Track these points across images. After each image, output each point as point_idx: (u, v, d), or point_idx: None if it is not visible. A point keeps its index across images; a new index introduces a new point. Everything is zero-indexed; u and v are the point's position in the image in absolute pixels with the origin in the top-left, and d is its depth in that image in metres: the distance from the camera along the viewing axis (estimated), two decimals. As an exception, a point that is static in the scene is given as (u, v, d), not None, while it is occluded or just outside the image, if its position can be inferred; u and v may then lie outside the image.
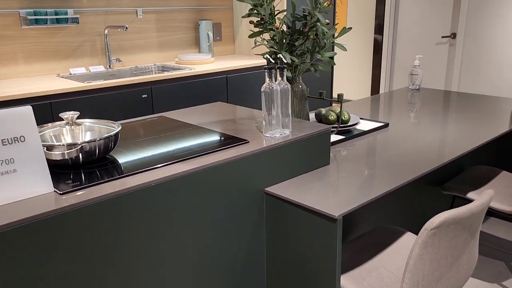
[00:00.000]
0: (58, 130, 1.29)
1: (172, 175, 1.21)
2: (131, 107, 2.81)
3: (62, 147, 1.16)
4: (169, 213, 1.23)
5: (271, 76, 1.47)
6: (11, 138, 1.02)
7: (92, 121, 1.35)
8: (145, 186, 1.16)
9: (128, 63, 3.38)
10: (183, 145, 1.41)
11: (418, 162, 1.68)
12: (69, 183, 1.12)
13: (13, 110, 1.03)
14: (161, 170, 1.23)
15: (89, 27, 3.12)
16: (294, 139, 1.52)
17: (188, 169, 1.25)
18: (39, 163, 1.06)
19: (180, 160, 1.30)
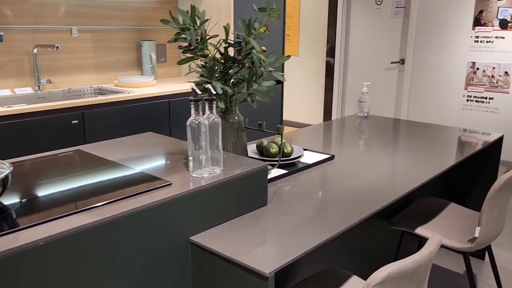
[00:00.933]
0: None
1: (73, 229, 1.00)
2: (59, 135, 2.55)
3: None
4: (69, 273, 1.01)
5: (198, 109, 1.30)
6: None
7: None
8: (33, 245, 0.94)
9: (61, 85, 3.11)
10: (93, 189, 1.21)
11: (365, 200, 1.54)
12: None
13: None
14: (59, 222, 1.02)
15: (16, 45, 2.85)
16: (225, 179, 1.35)
17: (94, 220, 1.04)
18: None
19: (85, 209, 1.09)
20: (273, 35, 3.80)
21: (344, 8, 5.44)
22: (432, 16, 4.74)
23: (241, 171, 1.39)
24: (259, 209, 1.47)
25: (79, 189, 1.21)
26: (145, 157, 1.52)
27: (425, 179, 1.79)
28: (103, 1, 3.24)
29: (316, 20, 5.79)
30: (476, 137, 2.47)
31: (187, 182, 1.30)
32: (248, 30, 1.40)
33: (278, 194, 1.60)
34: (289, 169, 1.84)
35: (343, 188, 1.67)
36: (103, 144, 1.68)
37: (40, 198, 1.14)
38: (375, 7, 5.24)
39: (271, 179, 1.74)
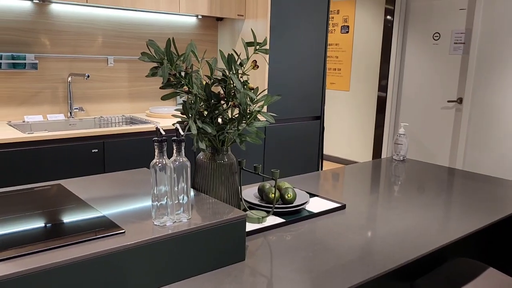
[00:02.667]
0: None
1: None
2: (78, 163, 2.56)
3: None
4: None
5: (162, 150, 1.18)
6: None
7: None
8: None
9: (93, 112, 3.16)
10: (40, 231, 1.11)
11: (372, 259, 1.33)
12: None
13: None
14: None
15: (51, 73, 2.94)
16: (192, 230, 1.20)
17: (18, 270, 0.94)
18: None
19: (12, 257, 0.99)
20: (314, 66, 3.66)
21: (399, 42, 5.19)
22: (494, 53, 4.37)
23: (212, 221, 1.25)
24: (232, 266, 1.30)
25: (26, 229, 1.12)
26: (122, 197, 1.42)
27: (456, 236, 1.53)
28: (141, 32, 3.29)
29: (369, 54, 5.57)
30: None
31: (145, 231, 1.17)
32: (229, 66, 1.27)
33: (264, 248, 1.42)
34: (287, 218, 1.66)
35: (347, 243, 1.46)
36: (89, 179, 1.61)
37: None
38: (432, 42, 4.94)
39: (263, 229, 1.57)
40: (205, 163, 1.51)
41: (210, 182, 1.51)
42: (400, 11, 5.14)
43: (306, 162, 3.79)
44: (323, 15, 3.62)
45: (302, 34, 3.51)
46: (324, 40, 3.68)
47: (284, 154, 3.58)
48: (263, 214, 1.62)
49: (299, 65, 3.54)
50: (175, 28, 3.45)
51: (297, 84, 3.56)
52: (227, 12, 3.36)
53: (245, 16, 3.44)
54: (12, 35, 2.75)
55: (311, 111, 3.73)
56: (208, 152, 1.51)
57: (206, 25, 3.65)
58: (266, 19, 3.26)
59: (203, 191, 1.52)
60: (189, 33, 3.56)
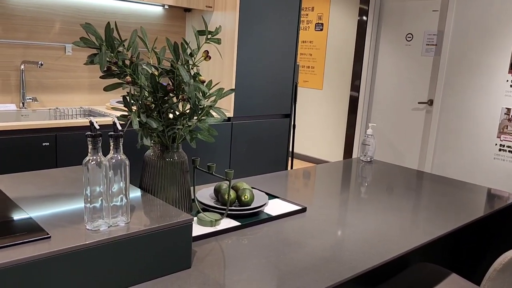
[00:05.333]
0: None
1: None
2: (28, 156, 2.39)
3: None
4: None
5: (96, 147, 1.05)
6: None
7: None
8: None
9: (49, 103, 2.98)
10: (-51, 236, 0.97)
11: (330, 266, 1.23)
12: None
13: None
14: None
15: (3, 60, 2.75)
16: (129, 235, 1.08)
17: None
18: None
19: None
20: (284, 63, 3.56)
21: (373, 42, 5.16)
22: (466, 56, 4.37)
23: (153, 225, 1.13)
24: (176, 274, 1.19)
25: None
26: (55, 197, 1.28)
27: (421, 241, 1.45)
28: (103, 21, 3.13)
29: (343, 53, 5.52)
30: (502, 196, 2.09)
31: (76, 236, 1.04)
32: (176, 55, 1.15)
33: (215, 253, 1.31)
34: (243, 221, 1.55)
35: (305, 249, 1.36)
36: (24, 176, 1.46)
37: None
38: (404, 43, 4.92)
39: (216, 233, 1.45)
40: (153, 161, 1.38)
41: (159, 182, 1.39)
42: (374, 11, 5.10)
43: (275, 161, 3.70)
44: (294, 11, 3.52)
45: (272, 29, 3.40)
46: (296, 37, 3.59)
47: (251, 152, 3.48)
48: (217, 217, 1.51)
49: (269, 61, 3.44)
50: (140, 17, 3.30)
51: (266, 81, 3.46)
52: (195, 3, 3.22)
53: (213, 7, 3.32)
54: (-41, 18, 2.55)
55: (281, 108, 3.63)
56: (156, 149, 1.39)
57: (173, 15, 3.50)
58: (235, 11, 3.14)
59: (151, 192, 1.40)
60: (155, 23, 3.41)
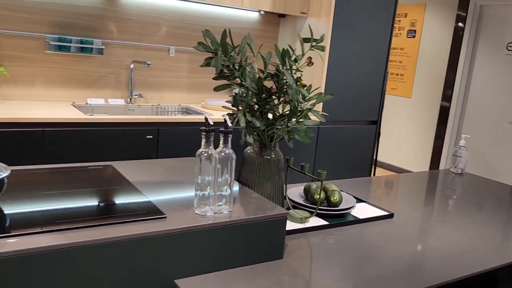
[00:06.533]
0: None
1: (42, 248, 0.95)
2: (133, 147, 2.64)
3: None
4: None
5: (209, 140, 1.18)
6: None
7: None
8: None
9: (152, 100, 3.26)
10: (86, 208, 1.16)
11: (415, 273, 1.27)
12: None
13: None
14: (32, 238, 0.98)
15: (115, 59, 3.06)
16: (232, 222, 1.20)
17: (65, 242, 0.98)
18: None
19: (61, 230, 1.03)
20: (374, 69, 3.55)
21: (469, 50, 4.93)
22: None
23: (253, 215, 1.24)
24: (269, 262, 1.29)
25: (74, 205, 1.17)
26: (168, 183, 1.44)
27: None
28: (204, 25, 3.35)
29: (435, 62, 5.34)
30: None
31: (187, 218, 1.18)
32: (283, 60, 1.26)
33: (303, 248, 1.40)
34: (331, 221, 1.62)
35: (390, 254, 1.40)
36: (140, 163, 1.65)
37: (28, 207, 1.12)
38: (505, 52, 4.65)
39: (305, 229, 1.54)
40: (252, 158, 1.50)
41: (256, 177, 1.50)
42: (473, 18, 4.87)
43: (358, 167, 3.70)
44: (388, 18, 3.50)
45: (365, 35, 3.41)
46: (388, 43, 3.57)
47: (335, 156, 3.52)
48: (306, 215, 1.59)
49: (359, 67, 3.45)
50: (237, 22, 3.48)
51: (355, 86, 3.47)
52: (290, 9, 3.33)
53: (308, 13, 3.41)
54: (82, 20, 2.89)
55: (368, 115, 3.63)
56: (255, 147, 1.50)
57: (267, 21, 3.65)
58: (329, 17, 3.20)
59: (248, 185, 1.52)
60: (250, 28, 3.57)
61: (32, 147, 2.35)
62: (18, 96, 2.79)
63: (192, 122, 2.84)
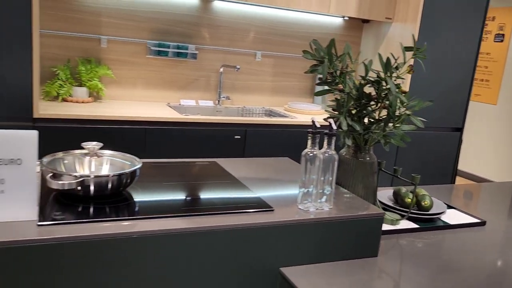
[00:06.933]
0: (80, 159, 1.29)
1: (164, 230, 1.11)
2: (222, 146, 2.82)
3: (69, 177, 1.15)
4: (151, 269, 1.12)
5: (315, 141, 1.29)
6: (8, 159, 1.04)
7: (115, 155, 1.33)
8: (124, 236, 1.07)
9: (238, 102, 3.43)
10: (201, 199, 1.31)
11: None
12: (57, 215, 1.10)
13: (16, 132, 1.05)
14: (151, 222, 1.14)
15: (207, 63, 3.26)
16: (332, 218, 1.30)
17: (186, 226, 1.13)
18: (29, 189, 1.06)
19: (186, 215, 1.19)
20: (460, 75, 3.48)
21: None
22: None
23: (351, 213, 1.32)
24: (365, 259, 1.36)
25: (191, 195, 1.32)
26: (266, 180, 1.56)
27: None
28: (289, 30, 3.47)
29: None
30: None
31: (291, 212, 1.29)
32: (386, 68, 1.33)
33: (396, 249, 1.46)
34: (422, 225, 1.66)
35: (483, 261, 1.42)
36: (239, 161, 1.79)
37: (156, 196, 1.29)
38: None
39: (396, 231, 1.59)
40: (347, 159, 1.58)
41: (350, 178, 1.58)
42: None
43: (439, 174, 3.63)
44: (478, 22, 3.41)
45: (452, 40, 3.36)
46: (476, 49, 3.47)
47: (417, 161, 3.48)
48: (398, 217, 1.64)
49: (445, 72, 3.40)
50: (321, 28, 3.56)
51: (440, 93, 3.42)
52: (376, 15, 3.36)
53: (393, 19, 3.41)
54: (179, 27, 3.12)
55: (452, 122, 3.56)
56: (351, 149, 1.58)
57: (351, 26, 3.69)
58: (415, 23, 3.19)
59: (342, 186, 1.60)
60: (334, 33, 3.64)
61: (135, 142, 2.59)
62: (122, 96, 3.07)
63: (276, 124, 2.97)
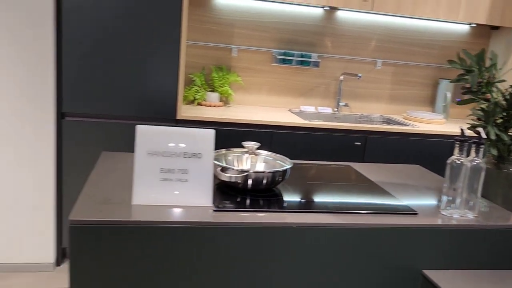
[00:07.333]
0: (240, 156, 1.46)
1: (316, 224, 1.22)
2: (342, 151, 2.89)
3: (233, 171, 1.32)
4: (304, 258, 1.23)
5: (462, 150, 1.31)
6: (191, 153, 1.23)
7: (269, 154, 1.48)
8: (285, 226, 1.20)
9: (356, 109, 3.48)
10: (345, 198, 1.40)
11: None
12: (228, 203, 1.26)
13: (198, 131, 1.23)
14: (308, 215, 1.26)
15: (328, 71, 3.36)
16: (477, 226, 1.31)
17: (336, 222, 1.23)
18: (206, 180, 1.24)
19: (332, 212, 1.29)
20: None
21: None
22: None
23: (498, 223, 1.32)
24: (507, 271, 1.35)
25: (332, 195, 1.42)
26: (401, 185, 1.61)
27: None
28: (412, 38, 3.44)
29: None
30: None
31: (434, 217, 1.33)
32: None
33: (543, 264, 1.41)
34: None
35: None
36: (370, 166, 1.85)
37: (304, 193, 1.41)
38: None
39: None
40: (488, 169, 1.57)
41: (492, 188, 1.56)
42: None
43: None
44: None
45: None
46: None
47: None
48: (542, 232, 1.58)
49: None
50: (444, 35, 3.47)
51: None
52: (509, 21, 3.19)
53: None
54: (303, 37, 3.26)
55: None
56: (492, 159, 1.57)
57: (478, 33, 3.54)
58: (555, 30, 2.97)
59: (482, 195, 1.59)
60: (459, 40, 3.52)
61: (263, 145, 2.77)
62: (248, 101, 3.29)
63: (397, 132, 2.96)
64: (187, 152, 1.23)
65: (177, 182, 1.22)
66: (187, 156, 1.23)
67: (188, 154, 1.23)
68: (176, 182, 1.22)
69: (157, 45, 2.49)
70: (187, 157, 1.23)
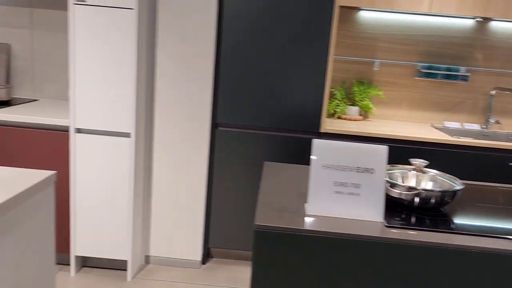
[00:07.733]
0: (405, 173, 1.45)
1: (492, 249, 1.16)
2: (491, 171, 2.68)
3: (402, 188, 1.32)
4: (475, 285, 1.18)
5: None
6: (364, 168, 1.26)
7: (437, 173, 1.45)
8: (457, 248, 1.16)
9: (508, 127, 3.20)
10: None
11: None
12: (397, 220, 1.27)
13: (371, 147, 1.26)
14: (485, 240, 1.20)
15: (477, 85, 3.15)
16: None
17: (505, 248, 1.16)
18: (378, 195, 1.26)
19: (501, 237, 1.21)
20: None
21: None
22: None
23: None
24: None
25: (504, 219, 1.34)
26: None
27: None
28: None
29: None
30: None
31: None
32: None
33: None
34: None
35: None
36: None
37: (471, 214, 1.35)
38: None
39: None
40: None
41: None
42: None
43: None
44: None
45: None
46: None
47: None
48: None
49: None
50: None
51: None
52: None
53: None
54: (450, 49, 3.11)
55: None
56: None
57: None
58: None
59: None
60: None
61: (403, 161, 2.69)
62: (387, 116, 3.24)
63: (561, 154, 2.66)
64: (360, 167, 1.26)
65: (350, 196, 1.26)
66: (360, 171, 1.26)
67: (361, 169, 1.26)
68: (349, 195, 1.26)
69: (305, 59, 2.58)
70: (360, 172, 1.26)
